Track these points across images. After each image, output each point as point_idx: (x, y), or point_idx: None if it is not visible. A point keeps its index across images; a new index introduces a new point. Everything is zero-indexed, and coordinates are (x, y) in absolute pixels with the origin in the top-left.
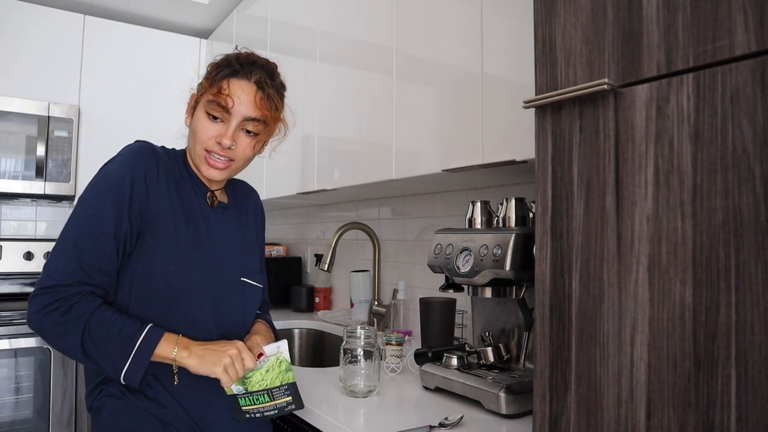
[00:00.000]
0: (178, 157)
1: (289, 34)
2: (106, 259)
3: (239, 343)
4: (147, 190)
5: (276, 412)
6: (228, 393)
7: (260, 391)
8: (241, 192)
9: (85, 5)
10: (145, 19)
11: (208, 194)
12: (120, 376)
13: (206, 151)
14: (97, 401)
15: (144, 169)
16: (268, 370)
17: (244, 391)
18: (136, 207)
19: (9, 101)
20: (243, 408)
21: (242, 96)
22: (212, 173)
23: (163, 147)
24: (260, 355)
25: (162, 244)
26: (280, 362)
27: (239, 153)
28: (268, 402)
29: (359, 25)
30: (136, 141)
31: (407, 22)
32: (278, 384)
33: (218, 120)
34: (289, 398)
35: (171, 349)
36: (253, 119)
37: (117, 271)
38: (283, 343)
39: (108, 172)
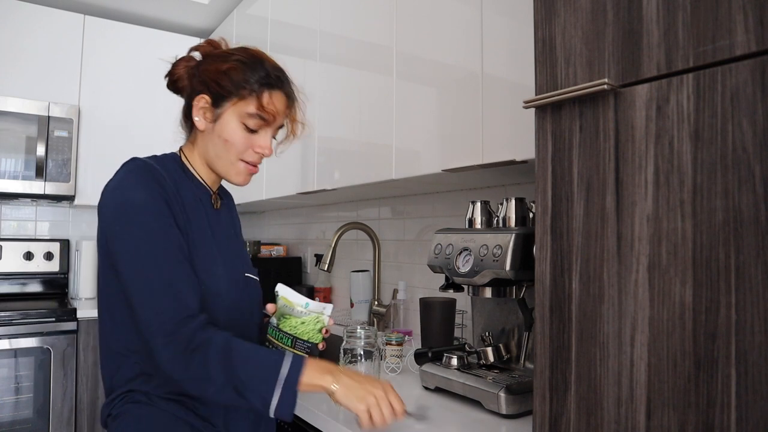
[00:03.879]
0: (173, 162)
1: (289, 34)
2: (194, 280)
3: (387, 384)
4: (169, 206)
5: None
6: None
7: (287, 333)
8: (223, 190)
9: (85, 5)
10: (145, 19)
11: (213, 197)
12: (270, 411)
13: (242, 160)
14: (118, 408)
15: (159, 188)
16: (303, 322)
17: (275, 325)
18: (173, 220)
19: (9, 101)
20: (267, 335)
21: (280, 107)
22: (245, 180)
23: (154, 157)
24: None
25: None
26: (317, 321)
27: (271, 150)
28: (287, 346)
29: (359, 25)
30: (132, 160)
31: (407, 22)
32: (305, 338)
33: (254, 131)
34: (306, 355)
35: (321, 376)
36: (281, 126)
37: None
38: (329, 308)
39: (131, 201)
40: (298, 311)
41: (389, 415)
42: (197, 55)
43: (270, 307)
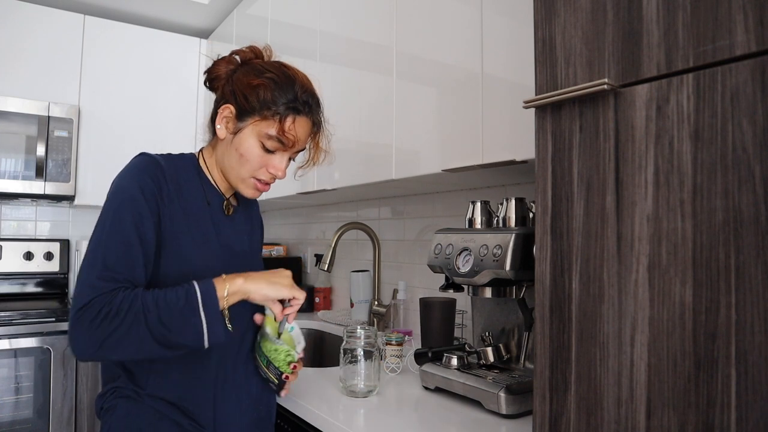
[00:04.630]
0: (188, 162)
1: (289, 34)
2: (137, 270)
3: (282, 271)
4: (158, 203)
5: (264, 376)
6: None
7: (264, 354)
8: (245, 199)
9: (85, 5)
10: (145, 19)
11: (225, 203)
12: (204, 343)
13: (254, 177)
14: (109, 401)
15: (152, 184)
16: (276, 350)
17: (258, 341)
18: (155, 219)
19: (9, 101)
20: (255, 348)
21: (301, 133)
22: (254, 195)
23: (169, 154)
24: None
25: (178, 256)
26: (288, 355)
27: (285, 173)
28: (263, 365)
29: (359, 25)
30: (141, 154)
31: (407, 22)
32: (276, 365)
33: (272, 151)
34: (277, 381)
35: (223, 289)
36: (302, 149)
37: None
38: (300, 346)
39: (120, 188)
40: (273, 338)
41: (302, 298)
42: (237, 59)
43: (257, 318)
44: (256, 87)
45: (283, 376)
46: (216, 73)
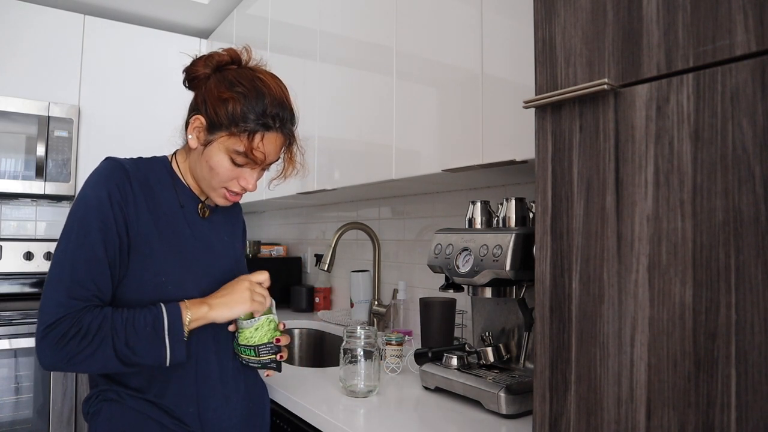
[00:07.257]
0: (160, 166)
1: (289, 34)
2: (103, 284)
3: (242, 276)
4: (126, 208)
5: (259, 366)
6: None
7: (248, 346)
8: None
9: (85, 5)
10: (145, 19)
11: (200, 206)
12: (166, 364)
13: (225, 188)
14: (94, 406)
15: (118, 189)
16: (257, 328)
17: (237, 341)
18: (121, 226)
19: (9, 101)
20: (234, 352)
21: (271, 149)
22: (225, 203)
23: (138, 158)
24: None
25: (149, 259)
26: (270, 321)
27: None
28: (252, 356)
29: (359, 25)
30: (106, 159)
31: (407, 22)
32: (266, 341)
33: (242, 165)
34: (273, 356)
35: (186, 317)
36: (276, 161)
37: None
38: (273, 304)
39: (84, 196)
40: (247, 323)
41: (266, 294)
42: (215, 61)
43: (232, 328)
44: (226, 101)
45: (275, 341)
46: (194, 74)
